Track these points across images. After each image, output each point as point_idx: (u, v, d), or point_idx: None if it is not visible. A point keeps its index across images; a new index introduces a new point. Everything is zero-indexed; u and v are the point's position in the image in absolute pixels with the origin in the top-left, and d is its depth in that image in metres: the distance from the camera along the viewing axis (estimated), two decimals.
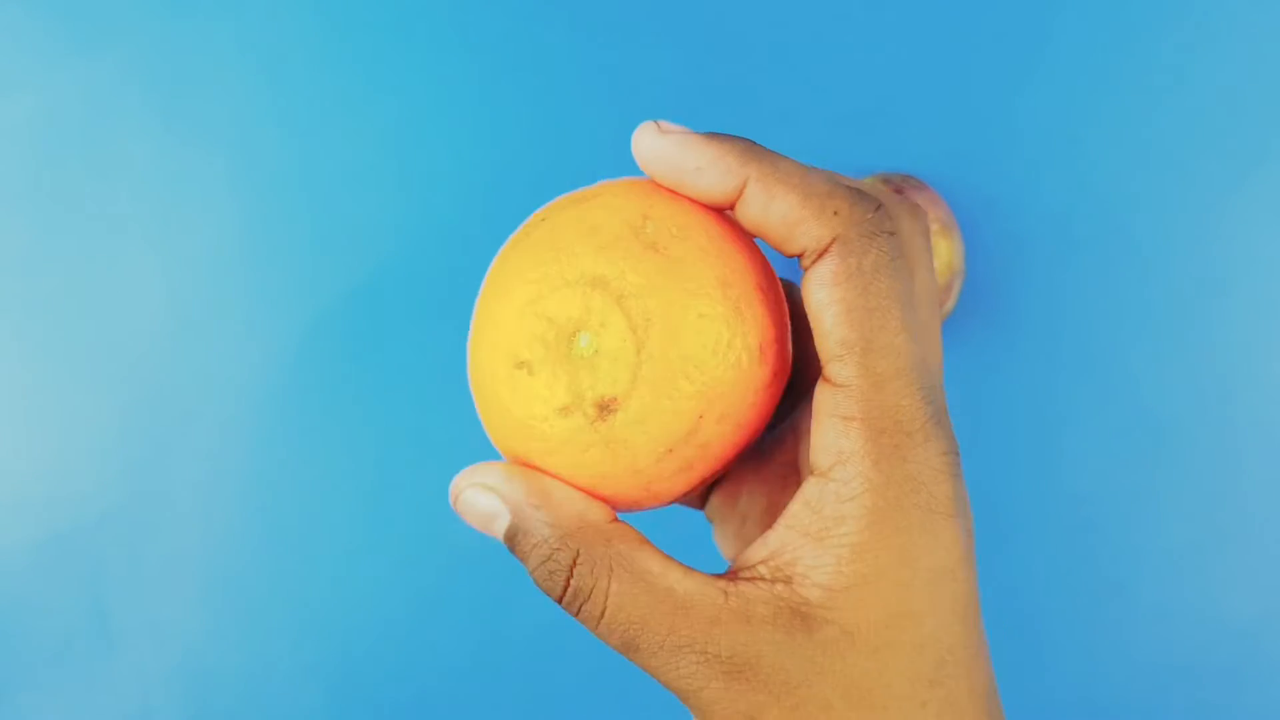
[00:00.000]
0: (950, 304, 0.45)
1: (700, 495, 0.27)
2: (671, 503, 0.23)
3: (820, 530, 0.20)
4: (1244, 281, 0.47)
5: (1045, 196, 0.48)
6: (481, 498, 0.22)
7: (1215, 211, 0.48)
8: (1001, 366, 0.48)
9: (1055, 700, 0.47)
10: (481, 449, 0.48)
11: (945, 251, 0.44)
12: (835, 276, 0.19)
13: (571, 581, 0.20)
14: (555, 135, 0.49)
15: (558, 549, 0.21)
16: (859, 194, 0.20)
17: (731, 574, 0.21)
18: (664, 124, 0.21)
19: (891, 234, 0.20)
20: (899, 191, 0.45)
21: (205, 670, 0.48)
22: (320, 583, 0.48)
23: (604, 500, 0.22)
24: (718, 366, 0.20)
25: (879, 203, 0.20)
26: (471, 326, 0.23)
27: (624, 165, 0.47)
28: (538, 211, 0.22)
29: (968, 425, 0.48)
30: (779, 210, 0.20)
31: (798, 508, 0.20)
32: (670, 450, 0.20)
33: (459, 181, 0.49)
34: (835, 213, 0.20)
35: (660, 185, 0.22)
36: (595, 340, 0.20)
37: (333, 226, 0.49)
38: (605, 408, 0.20)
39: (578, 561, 0.20)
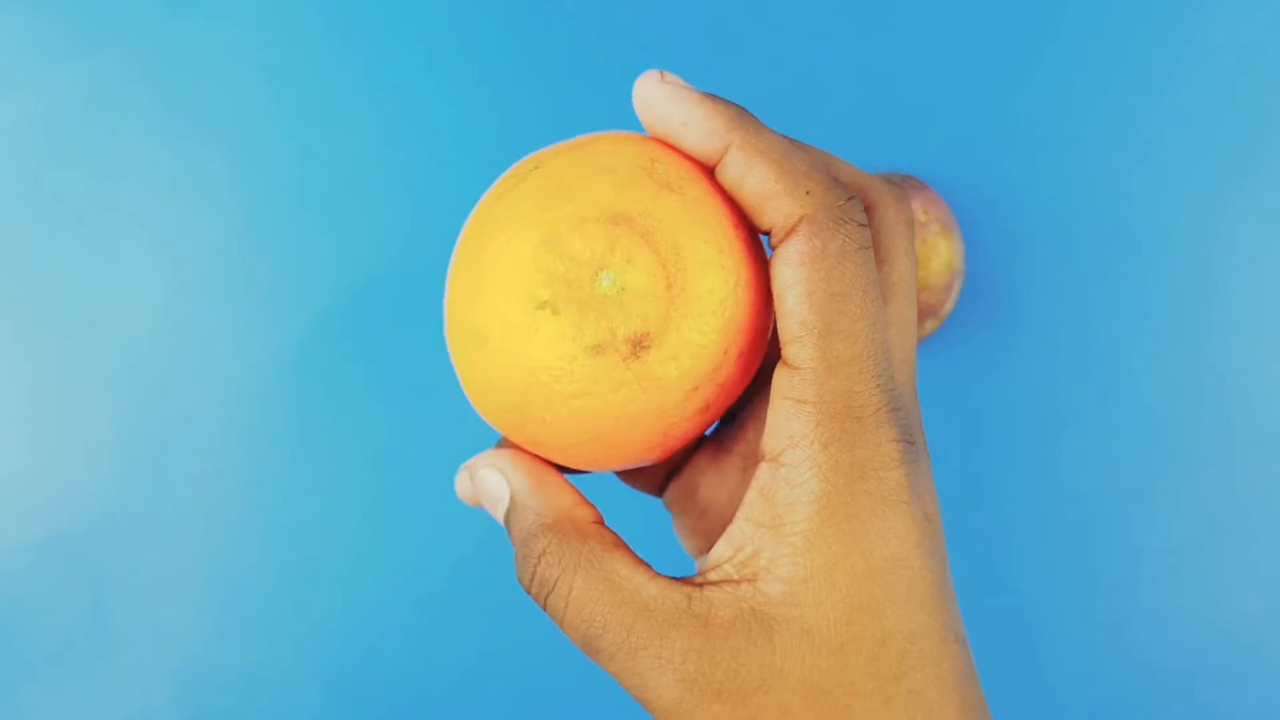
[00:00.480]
0: (950, 304, 0.45)
1: (659, 481, 0.27)
2: (680, 449, 0.23)
3: (774, 519, 0.19)
4: (1243, 281, 0.47)
5: (1045, 196, 0.48)
6: (491, 477, 0.22)
7: (1215, 211, 0.48)
8: (1001, 366, 0.48)
9: (1055, 700, 0.47)
10: (486, 447, 0.48)
11: (945, 251, 0.44)
12: (801, 256, 0.19)
13: (537, 571, 0.21)
14: (556, 135, 0.49)
15: (534, 535, 0.21)
16: (836, 181, 0.20)
17: (701, 576, 0.21)
18: (667, 75, 0.21)
19: (862, 225, 0.20)
20: None
21: (205, 671, 0.48)
22: (322, 583, 0.48)
23: (620, 452, 0.22)
24: (738, 304, 0.21)
25: (853, 194, 0.20)
26: (457, 276, 0.22)
27: None
28: (523, 161, 0.22)
29: (968, 425, 0.48)
30: (754, 181, 0.20)
31: (753, 496, 0.20)
32: (696, 388, 0.21)
33: (460, 181, 0.49)
34: (807, 192, 0.19)
35: (648, 137, 0.22)
36: (621, 277, 0.20)
37: (333, 226, 0.49)
38: (639, 344, 0.20)
39: (545, 551, 0.21)
